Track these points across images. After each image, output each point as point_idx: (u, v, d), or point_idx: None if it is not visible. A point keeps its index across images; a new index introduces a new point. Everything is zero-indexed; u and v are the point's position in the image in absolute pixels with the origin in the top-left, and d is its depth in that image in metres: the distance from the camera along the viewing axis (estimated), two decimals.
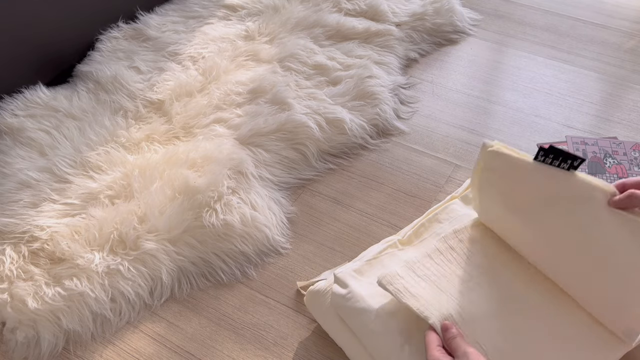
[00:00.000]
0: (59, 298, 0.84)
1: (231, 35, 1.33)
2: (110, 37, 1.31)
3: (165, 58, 1.27)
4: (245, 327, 0.85)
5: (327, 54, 1.28)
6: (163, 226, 0.92)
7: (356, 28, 1.35)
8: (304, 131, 1.10)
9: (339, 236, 0.97)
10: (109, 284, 0.86)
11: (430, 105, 1.23)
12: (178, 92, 1.18)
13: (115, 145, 1.07)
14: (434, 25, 1.40)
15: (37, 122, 1.11)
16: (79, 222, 0.93)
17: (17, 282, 0.85)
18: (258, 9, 1.41)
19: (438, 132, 1.17)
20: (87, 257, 0.88)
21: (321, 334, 0.83)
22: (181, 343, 0.83)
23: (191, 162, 1.01)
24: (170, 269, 0.89)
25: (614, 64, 1.34)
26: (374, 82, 1.20)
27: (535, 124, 1.18)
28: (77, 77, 1.25)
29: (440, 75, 1.31)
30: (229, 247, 0.92)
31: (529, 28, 1.45)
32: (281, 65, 1.24)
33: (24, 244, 0.90)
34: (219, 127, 1.10)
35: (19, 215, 0.93)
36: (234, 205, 0.95)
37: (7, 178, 1.00)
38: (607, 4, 1.53)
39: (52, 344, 0.82)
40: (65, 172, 1.01)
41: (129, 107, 1.15)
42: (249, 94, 1.17)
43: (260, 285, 0.90)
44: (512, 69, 1.32)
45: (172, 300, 0.89)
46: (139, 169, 1.01)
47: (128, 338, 0.84)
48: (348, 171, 1.09)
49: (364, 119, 1.15)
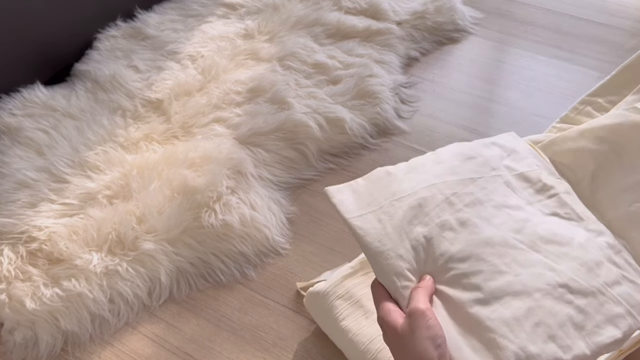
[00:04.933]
0: (57, 299, 0.83)
1: (230, 33, 1.32)
2: (109, 36, 1.30)
3: (164, 57, 1.26)
4: (244, 328, 0.84)
5: (327, 53, 1.27)
6: (162, 226, 0.91)
7: (356, 26, 1.34)
8: (304, 131, 1.09)
9: (339, 236, 0.96)
10: (107, 285, 0.86)
11: (431, 104, 1.23)
12: (177, 91, 1.17)
13: (113, 144, 1.06)
14: (435, 24, 1.39)
15: (35, 121, 1.10)
16: (77, 222, 0.93)
17: (15, 283, 0.85)
18: (257, 7, 1.40)
19: (439, 132, 1.16)
20: (86, 258, 0.87)
21: (321, 335, 0.83)
22: (180, 344, 0.83)
23: (190, 161, 1.00)
24: (168, 270, 0.89)
25: (616, 63, 1.32)
26: (375, 81, 1.20)
27: (536, 123, 1.17)
28: (75, 76, 1.24)
29: (441, 74, 1.30)
30: (228, 248, 0.92)
31: (530, 27, 1.44)
32: (281, 64, 1.24)
33: (22, 244, 0.90)
34: (218, 126, 1.09)
35: (17, 216, 0.93)
36: (233, 205, 0.95)
37: (5, 178, 1.00)
38: (609, 3, 1.52)
39: (50, 344, 0.81)
40: (64, 172, 1.01)
41: (127, 107, 1.15)
42: (248, 93, 1.16)
43: (260, 286, 0.90)
44: (514, 68, 1.32)
45: (171, 301, 0.88)
46: (138, 168, 1.00)
47: (126, 339, 0.84)
48: (348, 171, 1.08)
49: (365, 118, 1.14)
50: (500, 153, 0.71)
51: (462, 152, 0.69)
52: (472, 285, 0.57)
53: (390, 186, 0.64)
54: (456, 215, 0.62)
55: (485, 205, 0.64)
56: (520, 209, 0.65)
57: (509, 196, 0.66)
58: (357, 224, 0.61)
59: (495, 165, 0.68)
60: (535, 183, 0.69)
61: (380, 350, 0.73)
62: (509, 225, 0.62)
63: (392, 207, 0.62)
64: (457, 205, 0.63)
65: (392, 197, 0.63)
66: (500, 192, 0.66)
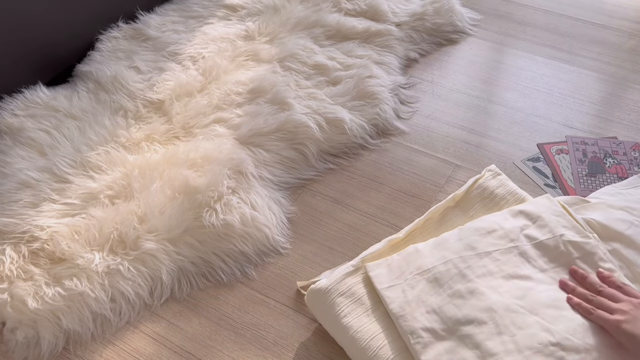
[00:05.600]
0: (59, 298, 0.84)
1: (231, 35, 1.33)
2: (110, 37, 1.31)
3: (165, 58, 1.27)
4: (245, 327, 0.85)
5: (327, 54, 1.28)
6: (163, 226, 0.92)
7: (356, 28, 1.35)
8: (304, 131, 1.09)
9: (339, 236, 0.97)
10: (109, 284, 0.86)
11: (430, 105, 1.23)
12: (178, 92, 1.17)
13: (115, 145, 1.07)
14: (434, 25, 1.40)
15: (37, 122, 1.11)
16: (79, 222, 0.93)
17: (17, 282, 0.85)
18: (258, 8, 1.41)
19: (438, 132, 1.17)
20: (87, 257, 0.88)
21: (321, 333, 0.83)
22: (181, 343, 0.83)
23: (191, 162, 1.01)
24: (170, 269, 0.89)
25: (614, 63, 1.34)
26: (374, 82, 1.20)
27: (535, 123, 1.18)
28: (77, 77, 1.25)
29: (440, 75, 1.31)
30: (229, 247, 0.92)
31: (529, 28, 1.45)
32: (281, 65, 1.24)
33: (24, 244, 0.90)
34: (219, 127, 1.10)
35: (19, 215, 0.93)
36: (234, 205, 0.95)
37: (7, 178, 1.00)
38: (607, 4, 1.53)
39: (52, 343, 0.82)
40: (65, 172, 1.01)
41: (129, 107, 1.15)
42: (249, 94, 1.17)
43: (260, 285, 0.90)
44: (512, 69, 1.32)
45: (172, 300, 0.89)
46: (139, 168, 1.01)
47: (128, 338, 0.84)
48: (348, 171, 1.09)
49: (364, 119, 1.15)
50: (523, 223, 0.83)
51: (484, 227, 0.83)
52: (473, 343, 0.71)
53: (416, 261, 0.80)
54: (466, 285, 0.76)
55: (495, 276, 0.77)
56: (528, 279, 0.77)
57: (521, 266, 0.78)
58: (386, 293, 0.77)
59: (514, 237, 0.81)
60: (553, 250, 0.80)
61: (381, 347, 0.74)
62: (513, 292, 0.75)
63: (414, 279, 0.78)
64: (468, 277, 0.77)
65: (415, 271, 0.79)
66: (513, 263, 0.79)
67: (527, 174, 1.07)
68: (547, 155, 1.10)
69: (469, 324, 0.72)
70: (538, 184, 1.05)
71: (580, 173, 1.05)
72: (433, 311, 0.74)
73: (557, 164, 1.08)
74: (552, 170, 1.07)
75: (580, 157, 1.09)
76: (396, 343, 0.74)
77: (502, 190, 0.91)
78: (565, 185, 1.04)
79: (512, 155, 1.11)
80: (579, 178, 1.05)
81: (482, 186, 0.92)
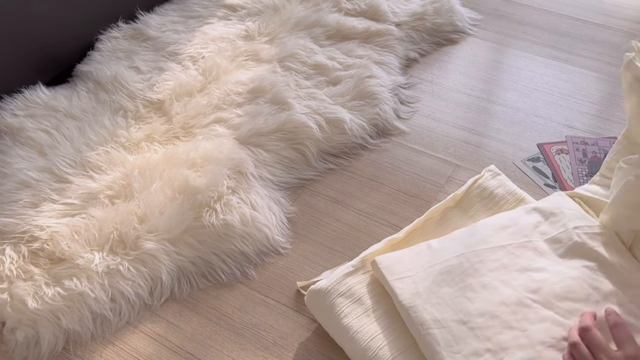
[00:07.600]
0: (59, 298, 0.84)
1: (231, 35, 1.33)
2: (110, 37, 1.31)
3: (165, 58, 1.27)
4: (245, 327, 0.85)
5: (327, 54, 1.28)
6: (163, 226, 0.92)
7: (356, 28, 1.35)
8: (304, 131, 1.09)
9: (339, 236, 0.97)
10: (108, 284, 0.86)
11: (430, 105, 1.23)
12: (178, 92, 1.18)
13: (115, 145, 1.07)
14: (434, 25, 1.40)
15: (37, 122, 1.11)
16: (79, 222, 0.93)
17: (17, 282, 0.85)
18: (258, 8, 1.41)
19: (438, 132, 1.17)
20: (87, 257, 0.88)
21: (321, 333, 0.83)
22: (181, 343, 0.83)
23: (191, 162, 1.01)
24: (170, 269, 0.89)
25: (614, 63, 1.33)
26: (374, 82, 1.20)
27: (535, 123, 1.18)
28: (77, 77, 1.25)
29: (440, 75, 1.31)
30: (229, 247, 0.92)
31: (529, 28, 1.45)
32: (281, 65, 1.24)
33: (24, 243, 0.90)
34: (218, 127, 1.10)
35: (19, 215, 0.93)
36: (233, 205, 0.95)
37: (6, 178, 1.00)
38: (607, 4, 1.53)
39: (52, 343, 0.82)
40: (65, 172, 1.01)
41: (128, 107, 1.15)
42: (248, 93, 1.17)
43: (260, 285, 0.90)
44: (512, 69, 1.32)
45: (172, 300, 0.89)
46: (139, 168, 1.01)
47: (128, 338, 0.84)
48: (348, 171, 1.09)
49: (364, 119, 1.15)
50: (537, 220, 0.82)
51: (498, 223, 0.83)
52: (485, 336, 0.70)
53: (428, 255, 0.80)
54: (479, 280, 0.76)
55: (510, 269, 0.77)
56: (544, 270, 0.76)
57: (536, 259, 0.78)
58: (397, 284, 0.76)
59: (528, 233, 0.81)
60: (566, 243, 0.79)
61: (381, 347, 0.74)
62: (527, 286, 0.74)
63: (426, 272, 0.77)
64: (481, 271, 0.77)
65: (427, 264, 0.78)
66: (527, 257, 0.78)
67: (527, 174, 1.07)
68: (547, 155, 1.10)
69: (481, 317, 0.72)
70: (538, 184, 1.05)
71: (581, 173, 1.05)
72: (445, 303, 0.74)
73: (557, 164, 1.08)
74: (552, 170, 1.07)
75: (580, 157, 1.09)
76: (396, 343, 0.74)
77: (502, 190, 0.91)
78: (565, 185, 1.03)
79: (512, 155, 1.11)
80: (579, 178, 1.05)
81: (481, 186, 0.92)
